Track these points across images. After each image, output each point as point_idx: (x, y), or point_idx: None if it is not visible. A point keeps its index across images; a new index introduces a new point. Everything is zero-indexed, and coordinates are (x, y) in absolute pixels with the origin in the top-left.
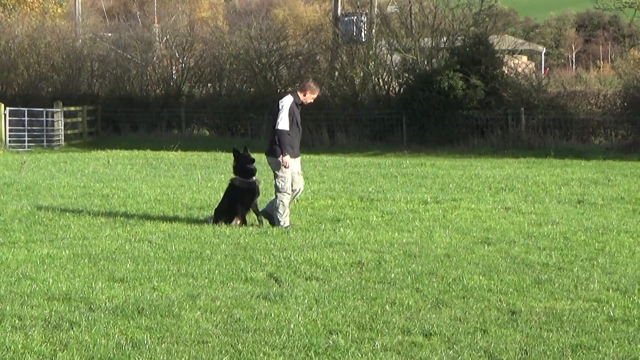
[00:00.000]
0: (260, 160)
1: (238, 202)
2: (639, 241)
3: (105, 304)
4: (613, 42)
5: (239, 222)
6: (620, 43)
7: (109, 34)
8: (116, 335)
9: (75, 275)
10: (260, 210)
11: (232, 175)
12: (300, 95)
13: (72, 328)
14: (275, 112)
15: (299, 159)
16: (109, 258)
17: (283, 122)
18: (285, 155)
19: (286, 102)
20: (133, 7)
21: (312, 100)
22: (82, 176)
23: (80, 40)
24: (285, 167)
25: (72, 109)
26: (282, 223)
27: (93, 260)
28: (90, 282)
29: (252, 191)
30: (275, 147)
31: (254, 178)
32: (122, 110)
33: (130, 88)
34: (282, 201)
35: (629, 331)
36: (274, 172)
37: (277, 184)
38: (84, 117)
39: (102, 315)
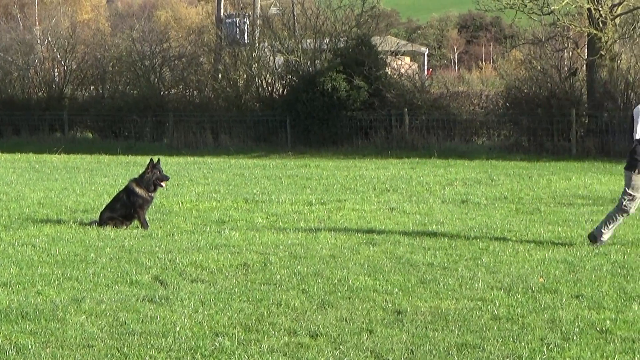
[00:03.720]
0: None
1: (133, 209)
2: (522, 240)
3: None
4: (495, 43)
5: (124, 225)
6: (502, 44)
7: None
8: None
9: None
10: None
11: (132, 182)
12: None
13: None
14: (631, 120)
15: None
16: None
17: None
18: None
19: None
20: (14, 9)
21: None
22: None
23: None
24: None
25: None
26: (603, 238)
27: None
28: None
29: (150, 203)
30: (634, 159)
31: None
32: (3, 114)
33: (11, 91)
34: (616, 218)
35: (513, 329)
36: (624, 187)
37: (622, 200)
38: None
39: None
